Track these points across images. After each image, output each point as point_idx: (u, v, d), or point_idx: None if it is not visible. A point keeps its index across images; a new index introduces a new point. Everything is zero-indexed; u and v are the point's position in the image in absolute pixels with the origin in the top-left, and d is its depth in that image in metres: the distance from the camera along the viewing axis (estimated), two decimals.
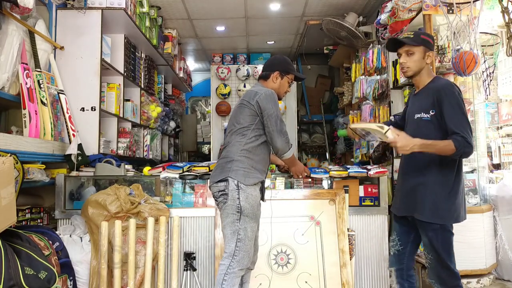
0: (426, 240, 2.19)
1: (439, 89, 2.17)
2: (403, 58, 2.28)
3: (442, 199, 2.14)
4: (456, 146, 2.03)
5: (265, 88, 2.53)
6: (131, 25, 3.99)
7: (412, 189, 2.24)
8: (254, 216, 2.37)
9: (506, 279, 3.31)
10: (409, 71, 2.28)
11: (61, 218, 2.97)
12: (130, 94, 4.48)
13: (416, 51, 2.23)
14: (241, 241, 2.30)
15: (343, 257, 2.86)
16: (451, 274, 2.16)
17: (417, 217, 2.19)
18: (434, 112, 2.18)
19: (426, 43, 2.25)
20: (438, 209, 2.13)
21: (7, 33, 2.74)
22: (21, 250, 2.02)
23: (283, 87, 2.64)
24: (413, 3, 3.39)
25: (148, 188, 3.18)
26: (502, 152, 3.93)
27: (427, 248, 2.20)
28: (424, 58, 2.25)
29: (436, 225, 2.13)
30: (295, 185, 3.21)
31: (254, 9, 5.18)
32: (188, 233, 3.00)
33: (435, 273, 2.20)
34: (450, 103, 2.11)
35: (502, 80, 3.90)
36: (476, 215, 3.18)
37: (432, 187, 2.16)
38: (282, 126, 2.45)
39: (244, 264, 2.32)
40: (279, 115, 2.47)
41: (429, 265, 2.22)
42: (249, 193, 2.34)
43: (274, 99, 2.48)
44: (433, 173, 2.17)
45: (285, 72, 2.61)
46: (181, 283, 2.88)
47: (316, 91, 7.45)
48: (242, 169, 2.36)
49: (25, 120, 2.79)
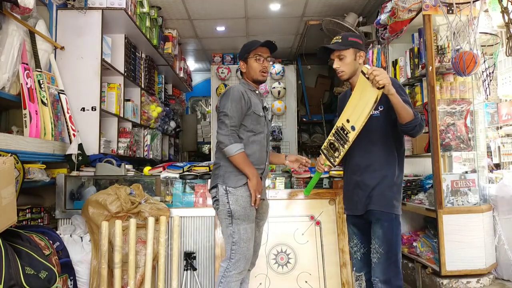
0: (381, 232, 2.17)
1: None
2: (335, 63, 2.31)
3: (395, 191, 2.20)
4: (415, 114, 2.06)
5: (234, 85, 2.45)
6: (132, 25, 4.00)
7: (364, 185, 2.23)
8: (246, 217, 2.31)
9: (506, 279, 3.31)
10: (344, 74, 2.29)
11: (62, 218, 2.98)
12: (130, 94, 4.48)
13: (346, 54, 2.26)
14: (235, 244, 2.29)
15: (343, 257, 2.87)
16: (398, 272, 2.17)
17: (374, 208, 2.19)
18: (382, 108, 2.20)
19: (355, 44, 2.26)
20: (392, 200, 2.18)
21: (7, 33, 2.74)
22: (22, 250, 2.03)
23: (253, 68, 2.44)
24: (413, 3, 3.39)
25: (148, 188, 3.19)
26: (501, 152, 3.93)
27: (379, 241, 2.17)
28: (355, 59, 2.27)
29: (392, 214, 2.17)
30: (295, 185, 3.22)
31: (254, 10, 5.18)
32: (188, 233, 3.01)
33: (382, 269, 2.16)
34: (396, 89, 2.06)
35: (502, 80, 3.90)
36: (475, 215, 3.19)
37: (386, 180, 2.20)
38: (224, 119, 2.30)
39: (240, 267, 2.30)
40: (229, 108, 2.30)
41: (378, 260, 2.18)
42: (238, 195, 2.30)
43: (227, 94, 2.37)
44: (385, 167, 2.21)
45: (245, 55, 2.46)
46: (181, 283, 2.89)
47: (316, 91, 7.45)
48: (229, 172, 2.33)
49: (26, 120, 2.80)
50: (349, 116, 2.13)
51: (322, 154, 2.34)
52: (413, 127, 2.08)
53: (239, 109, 2.32)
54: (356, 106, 2.08)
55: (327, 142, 2.29)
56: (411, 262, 3.53)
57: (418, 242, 3.55)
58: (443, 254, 3.08)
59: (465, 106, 3.38)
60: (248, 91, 2.44)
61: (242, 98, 2.34)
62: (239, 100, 2.33)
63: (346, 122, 2.16)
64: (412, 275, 3.49)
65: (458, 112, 3.37)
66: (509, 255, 3.28)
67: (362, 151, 2.25)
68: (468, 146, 3.35)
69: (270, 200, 2.95)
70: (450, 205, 3.23)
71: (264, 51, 2.46)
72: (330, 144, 2.26)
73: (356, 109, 2.08)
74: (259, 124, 2.43)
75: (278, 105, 6.63)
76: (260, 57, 2.44)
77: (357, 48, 2.27)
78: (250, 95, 2.41)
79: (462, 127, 3.36)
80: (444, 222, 3.11)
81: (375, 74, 1.93)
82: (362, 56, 2.29)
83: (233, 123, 2.29)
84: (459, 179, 3.31)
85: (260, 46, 2.44)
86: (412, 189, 3.76)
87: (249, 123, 2.39)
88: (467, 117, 3.38)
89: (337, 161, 2.24)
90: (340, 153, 2.21)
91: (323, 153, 2.33)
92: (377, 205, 2.19)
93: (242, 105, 2.33)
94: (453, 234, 3.12)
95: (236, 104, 2.32)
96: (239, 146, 2.28)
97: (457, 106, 3.37)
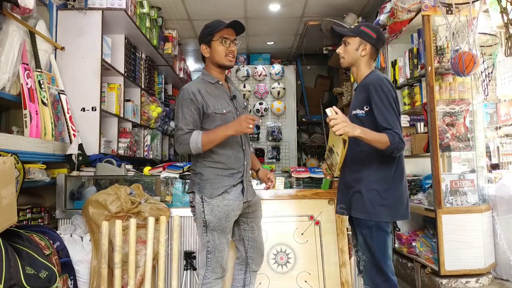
0: (361, 239, 2.09)
1: (369, 84, 2.07)
2: (339, 48, 2.23)
3: (377, 196, 2.03)
4: (390, 140, 1.94)
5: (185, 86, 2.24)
6: (132, 25, 4.00)
7: (347, 186, 2.16)
8: (221, 228, 2.19)
9: (505, 278, 3.32)
10: (344, 62, 2.22)
11: (62, 217, 2.98)
12: (130, 94, 4.49)
13: (351, 42, 2.17)
14: (211, 253, 2.22)
15: (343, 256, 2.87)
16: (386, 280, 2.03)
17: (353, 215, 2.11)
18: (368, 108, 2.08)
19: (362, 34, 2.15)
20: (372, 206, 2.02)
21: (7, 33, 2.75)
22: (22, 250, 2.03)
23: (218, 52, 2.20)
24: (412, 4, 3.40)
25: (148, 188, 3.19)
26: (500, 152, 3.94)
27: (361, 248, 2.10)
28: (357, 49, 2.16)
29: (371, 221, 2.03)
30: (294, 185, 3.23)
31: (254, 10, 5.19)
32: (189, 232, 3.01)
33: (369, 277, 2.07)
34: (380, 98, 2.01)
35: (501, 81, 3.91)
36: (475, 215, 3.20)
37: (368, 183, 2.06)
38: (176, 131, 2.15)
39: (218, 273, 2.25)
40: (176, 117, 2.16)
41: (364, 267, 2.10)
42: (214, 205, 2.17)
43: (179, 100, 2.17)
44: (370, 170, 2.07)
45: (208, 37, 2.21)
46: (182, 283, 2.89)
47: (316, 91, 7.46)
48: (205, 181, 2.19)
49: (26, 120, 2.80)
50: (333, 142, 2.10)
51: (325, 162, 2.32)
52: (391, 152, 1.98)
53: (191, 114, 2.12)
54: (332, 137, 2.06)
55: (326, 155, 2.25)
56: (410, 262, 3.54)
57: (417, 242, 3.56)
58: (442, 254, 3.09)
59: (464, 107, 3.39)
60: (207, 86, 2.22)
61: (192, 100, 2.13)
62: (189, 103, 2.12)
63: (333, 146, 2.12)
64: (411, 275, 3.50)
65: (457, 113, 3.38)
66: (508, 255, 3.28)
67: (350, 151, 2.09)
68: (467, 146, 3.36)
69: (270, 200, 2.96)
70: (449, 205, 3.24)
71: (230, 33, 2.21)
72: (327, 158, 2.25)
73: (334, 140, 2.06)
74: (225, 122, 2.17)
75: (278, 105, 6.64)
76: (227, 40, 2.19)
77: (364, 39, 2.14)
78: (206, 93, 2.19)
79: (461, 127, 3.37)
80: (443, 222, 3.13)
81: (331, 124, 1.85)
82: (367, 49, 2.15)
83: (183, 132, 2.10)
84: (458, 179, 3.33)
85: (225, 27, 2.19)
86: (411, 189, 3.77)
87: (213, 125, 2.17)
88: (466, 117, 3.39)
89: (335, 173, 2.20)
90: (335, 169, 2.16)
91: (326, 163, 2.31)
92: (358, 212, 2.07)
93: (193, 109, 2.13)
94: (452, 234, 3.13)
95: (187, 109, 2.12)
96: (194, 135, 2.08)
97: (456, 106, 3.38)
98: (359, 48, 2.16)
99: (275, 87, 6.68)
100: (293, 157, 6.78)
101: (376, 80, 2.07)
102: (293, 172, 3.22)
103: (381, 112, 2.00)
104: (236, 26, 2.22)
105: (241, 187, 2.24)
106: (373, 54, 2.20)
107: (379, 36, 2.18)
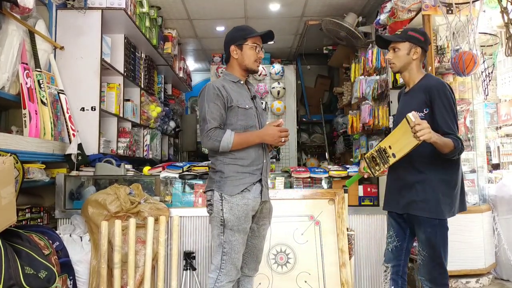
0: (424, 237, 2.18)
1: (432, 87, 2.16)
2: (389, 54, 2.32)
3: (442, 196, 2.14)
4: (455, 145, 2.03)
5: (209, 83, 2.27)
6: (131, 25, 4.00)
7: (409, 186, 2.22)
8: (240, 228, 2.15)
9: (505, 278, 3.31)
10: (395, 67, 2.30)
11: (61, 217, 2.98)
12: (130, 94, 4.48)
13: (401, 47, 2.25)
14: (226, 255, 2.14)
15: (343, 256, 2.87)
16: (443, 272, 2.18)
17: (415, 213, 2.18)
18: (427, 111, 2.16)
19: (412, 39, 2.23)
20: (437, 205, 2.13)
21: (7, 33, 2.74)
22: (21, 250, 2.03)
23: (248, 56, 2.25)
24: (413, 4, 3.40)
25: (148, 187, 3.19)
26: (501, 152, 3.94)
27: (422, 245, 2.20)
28: (409, 54, 2.24)
29: (435, 220, 2.14)
30: (294, 185, 3.22)
31: (254, 10, 5.18)
32: (188, 232, 3.01)
33: (427, 270, 2.19)
34: (443, 103, 2.12)
35: (501, 80, 3.91)
36: (475, 215, 3.19)
37: (432, 184, 2.15)
38: (203, 126, 2.15)
39: (232, 276, 2.16)
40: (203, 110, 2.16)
41: (422, 261, 2.21)
42: (234, 203, 2.13)
43: (201, 95, 2.21)
44: (434, 171, 2.16)
45: (241, 40, 2.25)
46: (181, 283, 2.89)
47: (316, 91, 7.46)
48: (226, 178, 2.16)
49: (25, 120, 2.80)
50: (392, 144, 2.14)
51: (364, 161, 2.35)
52: (453, 156, 2.08)
53: (217, 108, 2.15)
54: (399, 140, 2.09)
55: (370, 154, 2.29)
56: (411, 262, 3.52)
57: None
58: None
59: (465, 106, 3.38)
60: (229, 84, 2.25)
61: (218, 95, 2.16)
62: (215, 98, 2.15)
63: (389, 148, 2.16)
64: (411, 275, 3.49)
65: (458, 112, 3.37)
66: (508, 255, 3.28)
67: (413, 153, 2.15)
68: (467, 146, 3.36)
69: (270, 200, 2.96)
70: None
71: (259, 40, 2.30)
72: (372, 158, 2.27)
73: (398, 142, 2.10)
74: (248, 118, 2.23)
75: (278, 105, 6.63)
76: (257, 46, 2.27)
77: (414, 43, 2.23)
78: (230, 88, 2.22)
79: (461, 127, 3.36)
80: None
81: (416, 129, 1.91)
82: (418, 52, 2.24)
83: (212, 125, 2.13)
84: None
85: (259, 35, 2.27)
86: None
87: (235, 119, 2.20)
88: (467, 117, 3.39)
89: (377, 174, 2.29)
90: (380, 169, 2.24)
91: (366, 161, 2.33)
92: (424, 211, 2.16)
93: (219, 103, 2.15)
94: (452, 234, 3.08)
95: (214, 104, 2.15)
96: (227, 134, 2.12)
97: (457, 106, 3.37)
98: (410, 52, 2.25)
99: (275, 87, 6.67)
100: (293, 157, 6.77)
101: (439, 84, 2.18)
102: (293, 172, 3.22)
103: (443, 117, 2.11)
104: (268, 36, 2.30)
105: (260, 187, 2.23)
106: (423, 57, 2.30)
107: (426, 39, 2.29)
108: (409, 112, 2.08)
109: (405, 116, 1.99)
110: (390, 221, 2.40)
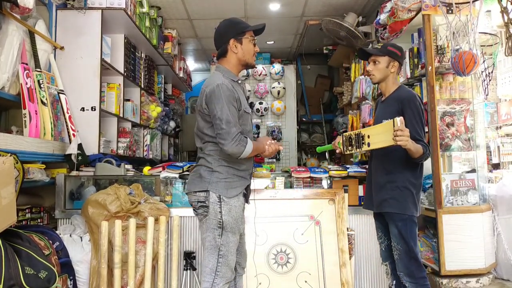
0: (396, 231, 2.38)
1: (404, 98, 2.41)
2: (369, 66, 2.55)
3: (410, 194, 2.38)
4: (424, 152, 2.29)
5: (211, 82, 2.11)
6: (131, 25, 4.00)
7: (382, 187, 2.44)
8: (236, 229, 2.14)
9: (506, 278, 3.31)
10: (374, 78, 2.54)
11: (61, 217, 2.98)
12: (130, 94, 4.48)
13: (381, 60, 2.49)
14: (222, 257, 2.08)
15: (343, 256, 2.87)
16: (419, 265, 2.36)
17: (387, 210, 2.40)
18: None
19: (391, 54, 2.47)
20: (406, 202, 2.37)
21: (7, 33, 2.74)
22: (21, 250, 2.02)
23: (248, 50, 2.19)
24: (413, 3, 3.39)
25: (148, 187, 3.19)
26: (501, 152, 3.94)
27: (396, 239, 2.39)
28: (388, 67, 2.48)
29: (405, 215, 2.36)
30: (294, 185, 3.22)
31: (254, 9, 5.19)
32: (188, 232, 3.01)
33: (404, 265, 2.37)
34: (412, 112, 2.35)
35: (501, 80, 3.91)
36: (475, 214, 3.19)
37: (401, 184, 2.38)
38: (227, 128, 2.01)
39: (228, 278, 2.12)
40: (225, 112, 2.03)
41: (399, 256, 2.39)
42: (232, 205, 2.10)
43: (217, 94, 2.05)
44: (403, 173, 2.39)
45: (241, 34, 2.16)
46: (181, 283, 2.88)
47: (316, 91, 7.46)
48: (224, 180, 2.11)
49: (25, 120, 2.80)
50: (372, 135, 2.33)
51: (341, 138, 2.57)
52: (420, 160, 2.34)
53: (235, 111, 2.06)
54: (379, 135, 2.27)
55: (348, 135, 2.50)
56: None
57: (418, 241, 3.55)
58: (443, 253, 3.09)
59: (465, 106, 3.38)
60: (233, 84, 2.14)
61: (234, 98, 2.08)
62: (233, 100, 2.06)
63: (367, 137, 2.35)
64: None
65: (458, 112, 3.37)
66: (508, 254, 3.28)
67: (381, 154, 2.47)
68: (467, 146, 3.36)
69: (270, 200, 2.96)
70: (450, 205, 3.23)
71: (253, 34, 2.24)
72: (350, 138, 2.49)
73: (377, 136, 2.28)
74: (247, 122, 2.19)
75: (278, 105, 6.63)
76: (254, 40, 2.22)
77: (393, 57, 2.47)
78: (237, 91, 2.14)
79: (461, 127, 3.36)
80: (443, 222, 3.12)
81: (398, 134, 2.10)
82: (395, 66, 2.49)
83: (238, 129, 2.05)
84: (459, 178, 3.32)
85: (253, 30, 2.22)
86: None
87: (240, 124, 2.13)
88: (467, 117, 3.39)
89: (347, 152, 2.53)
90: (352, 150, 2.47)
91: (342, 138, 2.56)
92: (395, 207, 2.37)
93: (236, 107, 2.08)
94: (452, 234, 3.13)
95: (233, 106, 2.05)
96: (249, 145, 2.06)
97: (457, 106, 3.37)
98: (389, 66, 2.49)
99: (275, 87, 6.67)
100: (293, 157, 6.77)
101: (410, 96, 2.42)
102: (293, 172, 3.22)
103: (413, 124, 2.32)
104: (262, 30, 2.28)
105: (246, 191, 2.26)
106: (399, 70, 2.56)
107: (403, 54, 2.55)
108: (385, 119, 2.34)
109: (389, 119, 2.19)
110: (377, 223, 2.62)
